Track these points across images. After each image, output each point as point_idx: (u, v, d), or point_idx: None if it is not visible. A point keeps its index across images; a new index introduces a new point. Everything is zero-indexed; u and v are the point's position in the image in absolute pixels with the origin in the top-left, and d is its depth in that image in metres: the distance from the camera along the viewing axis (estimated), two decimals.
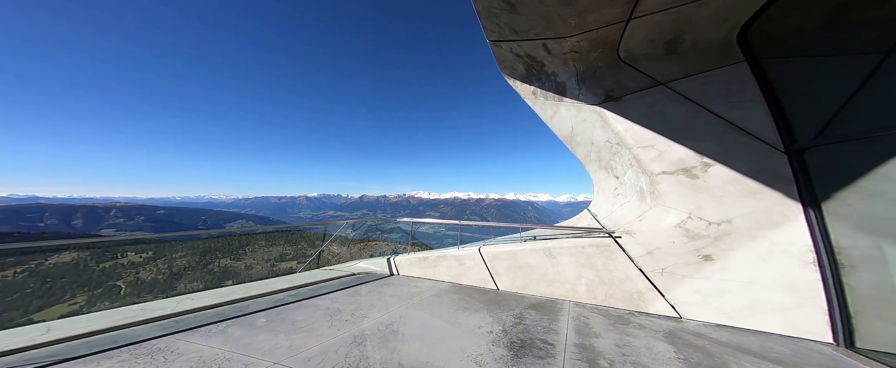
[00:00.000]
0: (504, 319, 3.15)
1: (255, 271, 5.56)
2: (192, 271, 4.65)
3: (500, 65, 5.46)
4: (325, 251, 6.34)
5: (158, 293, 4.31)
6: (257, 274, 5.29)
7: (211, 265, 5.02)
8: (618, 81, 4.25)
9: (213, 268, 5.03)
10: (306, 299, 3.89)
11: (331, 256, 6.64)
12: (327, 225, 6.36)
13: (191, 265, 4.75)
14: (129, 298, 3.95)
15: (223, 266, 5.27)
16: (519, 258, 4.32)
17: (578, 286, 3.75)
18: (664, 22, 3.33)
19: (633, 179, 4.05)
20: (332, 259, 6.52)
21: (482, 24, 4.32)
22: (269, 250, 6.25)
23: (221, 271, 5.20)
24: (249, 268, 5.89)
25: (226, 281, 4.94)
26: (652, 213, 3.68)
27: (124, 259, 4.39)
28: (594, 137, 4.67)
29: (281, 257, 6.32)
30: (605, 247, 3.69)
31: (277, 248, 6.29)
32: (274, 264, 6.16)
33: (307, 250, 6.31)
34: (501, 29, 4.25)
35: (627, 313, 3.26)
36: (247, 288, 4.23)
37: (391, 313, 3.42)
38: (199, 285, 4.50)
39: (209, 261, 4.99)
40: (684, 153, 3.40)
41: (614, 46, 4.01)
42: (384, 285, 4.74)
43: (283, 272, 5.91)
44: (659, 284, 3.22)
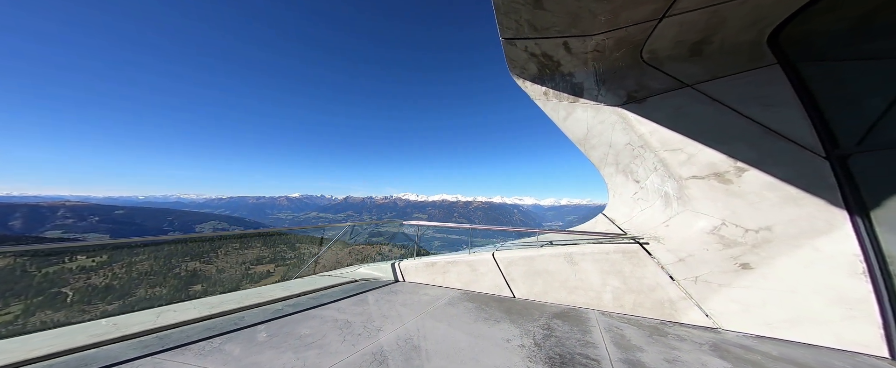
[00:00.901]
0: (530, 330, 2.91)
1: (227, 275, 5.10)
2: (154, 275, 4.16)
3: (510, 64, 5.28)
4: (324, 256, 5.95)
5: (113, 299, 3.80)
6: (230, 278, 4.84)
7: (177, 268, 4.54)
8: (640, 83, 4.13)
9: (180, 272, 4.55)
10: (309, 309, 3.52)
11: (323, 261, 6.21)
12: (325, 228, 5.95)
13: (153, 268, 4.23)
14: (76, 306, 3.45)
15: (191, 270, 4.79)
16: (537, 264, 4.10)
17: (603, 294, 3.55)
18: (698, 21, 3.22)
19: (658, 183, 3.92)
20: (325, 264, 6.09)
21: (498, 21, 4.12)
22: (243, 252, 5.78)
23: (189, 275, 4.71)
24: (221, 272, 5.38)
25: (194, 286, 4.47)
26: (680, 218, 3.55)
27: (73, 264, 3.86)
28: (613, 139, 4.54)
29: (257, 260, 5.87)
30: (631, 253, 3.52)
31: (253, 250, 5.84)
32: (249, 267, 5.70)
33: (286, 252, 5.89)
34: (519, 26, 4.06)
35: (659, 322, 3.09)
36: (239, 297, 3.81)
37: (407, 324, 3.12)
38: (163, 290, 4.03)
39: (175, 265, 4.50)
40: (716, 157, 3.29)
41: (639, 46, 3.90)
42: (391, 292, 4.41)
43: (259, 277, 5.47)
44: (693, 293, 3.07)
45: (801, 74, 3.13)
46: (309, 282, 4.83)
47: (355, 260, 6.74)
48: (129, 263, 4.16)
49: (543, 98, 5.39)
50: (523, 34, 4.23)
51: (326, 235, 5.95)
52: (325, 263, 6.06)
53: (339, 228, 6.16)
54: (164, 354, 2.28)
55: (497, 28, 4.37)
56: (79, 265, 3.94)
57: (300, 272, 5.36)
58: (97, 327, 2.77)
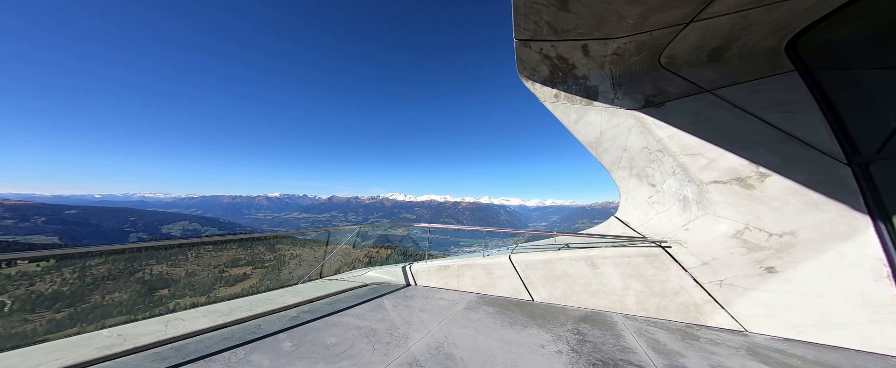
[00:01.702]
0: (561, 335, 2.87)
1: (198, 278, 4.84)
2: (113, 280, 3.87)
3: (520, 66, 5.26)
4: (306, 258, 5.74)
5: (61, 307, 3.49)
6: (202, 282, 4.60)
7: (140, 272, 4.24)
8: (658, 87, 4.18)
9: (143, 276, 4.26)
10: (327, 315, 3.39)
11: (312, 263, 5.94)
12: (331, 231, 5.77)
13: (112, 273, 3.92)
14: (16, 314, 3.14)
15: (157, 274, 4.49)
16: (557, 268, 4.08)
17: (626, 297, 3.56)
18: (723, 26, 3.27)
19: (676, 187, 3.96)
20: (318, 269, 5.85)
21: (515, 22, 4.09)
22: (218, 254, 5.50)
23: (154, 279, 4.42)
24: (192, 275, 5.10)
25: (159, 291, 4.22)
26: (700, 222, 3.59)
27: (12, 269, 3.55)
28: (628, 143, 4.57)
29: (232, 262, 5.61)
30: (654, 257, 3.54)
31: (228, 253, 5.56)
32: (223, 270, 5.44)
33: (265, 254, 5.66)
34: (538, 27, 4.03)
35: (685, 326, 3.11)
36: (249, 304, 3.63)
37: (432, 331, 3.03)
38: (123, 296, 3.75)
39: (137, 268, 4.21)
40: (737, 162, 3.34)
41: (660, 50, 3.94)
42: (405, 297, 4.30)
43: (235, 280, 5.23)
44: (718, 296, 3.10)
45: (819, 81, 3.22)
46: (318, 287, 4.66)
47: (344, 264, 6.51)
48: (82, 267, 3.80)
49: (554, 101, 5.39)
50: (540, 36, 4.21)
51: (332, 238, 5.78)
52: (324, 267, 5.86)
53: (343, 231, 5.99)
54: (189, 367, 2.12)
55: (512, 29, 4.34)
56: (19, 272, 3.60)
57: (307, 276, 5.18)
58: (99, 338, 2.57)
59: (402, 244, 7.17)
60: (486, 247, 5.08)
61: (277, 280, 5.50)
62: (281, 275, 5.69)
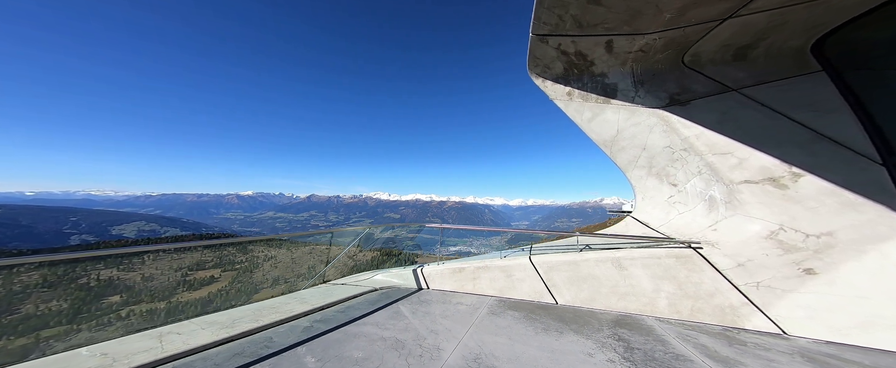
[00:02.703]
0: (603, 342, 2.70)
1: (156, 283, 4.35)
2: (51, 288, 3.32)
3: (532, 63, 5.10)
4: (282, 260, 5.34)
5: None
6: (161, 287, 4.13)
7: (83, 278, 3.71)
8: (683, 85, 4.12)
9: (87, 282, 3.74)
10: (343, 325, 3.07)
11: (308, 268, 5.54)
12: (334, 233, 5.39)
13: (47, 279, 3.36)
14: None
15: (104, 280, 3.98)
16: (582, 270, 3.93)
17: (657, 299, 3.45)
18: (758, 24, 3.22)
19: (702, 186, 3.90)
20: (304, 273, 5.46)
21: (536, 16, 3.92)
22: (180, 257, 4.99)
23: (102, 285, 3.91)
24: (149, 279, 4.59)
25: (108, 298, 3.74)
26: (729, 222, 3.54)
27: None
28: (649, 142, 4.50)
29: (197, 264, 5.16)
30: (685, 258, 3.44)
31: (193, 254, 5.07)
32: (186, 273, 4.99)
33: (236, 255, 5.24)
34: (561, 22, 3.88)
35: (723, 329, 3.01)
36: (252, 313, 3.26)
37: (463, 340, 2.79)
38: (63, 304, 3.24)
39: (80, 274, 3.66)
40: (769, 162, 3.30)
41: (686, 48, 3.87)
42: (421, 302, 4.03)
43: (200, 283, 4.80)
44: (755, 299, 3.03)
45: (847, 82, 3.23)
46: (326, 293, 4.31)
47: (345, 267, 6.10)
48: (6, 274, 3.12)
49: (566, 98, 5.26)
50: (562, 31, 4.06)
51: (335, 240, 5.39)
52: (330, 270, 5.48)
53: (346, 233, 5.62)
54: None
55: (530, 24, 4.17)
56: None
57: (311, 280, 4.79)
58: (77, 360, 2.17)
59: (397, 245, 6.86)
60: (443, 243, 4.88)
61: (250, 283, 5.09)
62: (253, 277, 5.24)
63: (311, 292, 4.39)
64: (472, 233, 5.97)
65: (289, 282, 4.95)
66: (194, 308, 3.94)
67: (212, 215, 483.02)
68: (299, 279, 4.93)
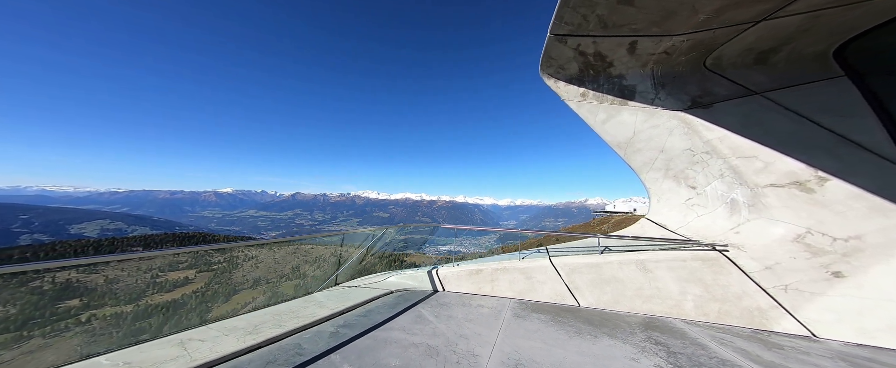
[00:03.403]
0: (642, 346, 2.66)
1: (123, 285, 4.12)
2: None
3: (546, 63, 5.06)
4: (264, 260, 5.16)
5: None
6: (128, 289, 3.93)
7: (35, 281, 3.43)
8: (704, 88, 4.13)
9: (40, 285, 3.48)
10: (370, 330, 2.96)
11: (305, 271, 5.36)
12: (345, 234, 5.21)
13: None
14: None
15: (62, 283, 3.71)
16: (605, 272, 3.90)
17: (684, 302, 3.44)
18: (787, 27, 3.23)
19: (724, 189, 3.92)
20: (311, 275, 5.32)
21: (557, 15, 3.86)
22: (149, 257, 4.72)
23: (58, 289, 3.64)
24: (114, 282, 4.33)
25: (67, 301, 3.49)
26: (752, 225, 3.56)
27: None
28: (667, 144, 4.51)
29: (170, 265, 4.94)
30: (711, 261, 3.45)
31: (165, 254, 4.81)
32: (156, 274, 4.77)
33: (213, 256, 5.00)
34: (585, 22, 3.83)
35: (753, 332, 3.03)
36: (272, 318, 3.11)
37: (497, 345, 2.71)
38: (12, 309, 2.99)
39: (32, 276, 3.38)
40: (795, 166, 3.33)
41: (711, 50, 3.87)
42: (440, 305, 3.94)
43: (172, 285, 4.61)
44: (784, 301, 3.05)
45: (871, 87, 3.28)
46: (341, 296, 4.17)
47: (306, 263, 5.92)
48: None
49: (580, 99, 5.24)
50: (583, 31, 4.01)
51: (346, 242, 5.21)
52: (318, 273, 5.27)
53: (357, 234, 5.44)
54: None
55: (550, 23, 4.11)
56: None
57: (324, 283, 4.63)
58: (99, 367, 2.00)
59: (407, 247, 6.73)
60: (433, 243, 4.82)
61: (229, 285, 4.89)
62: (233, 278, 5.03)
63: (325, 295, 4.24)
64: (462, 233, 5.91)
65: (271, 282, 4.77)
66: (165, 312, 3.74)
67: (186, 214, 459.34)
68: (282, 280, 4.76)
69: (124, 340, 2.36)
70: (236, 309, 4.11)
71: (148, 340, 2.35)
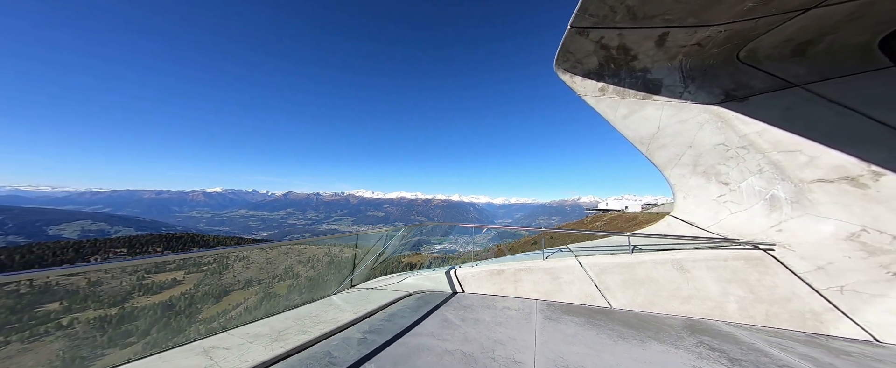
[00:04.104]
0: (695, 350, 2.47)
1: (107, 286, 3.89)
2: None
3: (563, 57, 4.89)
4: (255, 260, 4.93)
5: None
6: (112, 291, 3.71)
7: (10, 284, 3.21)
8: (739, 81, 3.97)
9: (17, 288, 3.25)
10: (399, 336, 2.76)
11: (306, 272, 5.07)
12: (359, 236, 4.99)
13: None
14: None
15: (41, 286, 3.46)
16: (638, 272, 3.71)
17: (726, 303, 3.25)
18: (834, 16, 3.08)
19: (762, 185, 3.74)
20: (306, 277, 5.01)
21: (581, 7, 3.69)
22: (134, 257, 4.47)
23: (37, 293, 3.43)
24: (97, 284, 4.09)
25: (47, 305, 3.28)
26: (796, 223, 3.38)
27: None
28: (697, 139, 4.33)
29: (156, 267, 4.71)
30: (756, 260, 3.27)
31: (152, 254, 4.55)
32: (143, 276, 4.54)
33: (203, 256, 4.77)
34: (612, 13, 3.66)
35: (808, 336, 2.84)
36: (296, 322, 2.94)
37: (540, 350, 2.51)
38: None
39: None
40: (845, 160, 3.16)
41: (746, 42, 3.71)
42: (463, 307, 3.73)
43: (162, 286, 4.40)
44: (840, 304, 2.86)
45: None
46: (359, 298, 3.97)
47: (300, 264, 5.55)
48: None
49: (598, 94, 5.07)
50: (609, 23, 3.84)
51: (361, 242, 4.99)
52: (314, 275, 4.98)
53: (370, 236, 5.21)
54: None
55: (572, 16, 3.95)
56: None
57: (340, 286, 4.42)
58: None
59: (418, 247, 6.52)
60: (455, 243, 4.63)
61: (219, 286, 4.68)
62: (223, 280, 4.84)
63: (343, 297, 4.03)
64: (458, 231, 5.72)
65: (263, 283, 4.60)
66: (152, 314, 3.56)
67: (174, 214, 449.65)
68: (275, 280, 4.60)
69: (143, 350, 2.15)
70: (227, 310, 3.94)
71: (168, 348, 2.14)
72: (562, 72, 5.26)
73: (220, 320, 3.41)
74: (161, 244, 10.64)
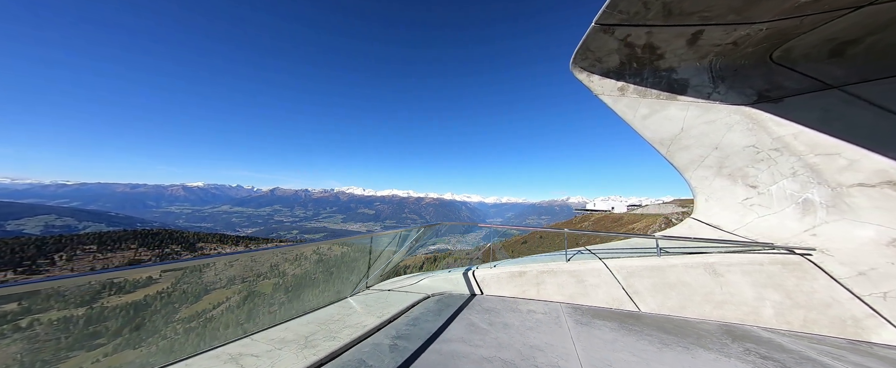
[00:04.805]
0: (749, 360, 2.37)
1: (71, 283, 3.61)
2: None
3: (581, 56, 4.75)
4: (239, 258, 4.69)
5: None
6: (78, 292, 3.48)
7: None
8: (772, 82, 3.88)
9: None
10: (430, 342, 2.63)
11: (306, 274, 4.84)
12: (373, 237, 4.75)
13: None
14: None
15: None
16: (669, 276, 3.62)
17: (762, 308, 3.18)
18: (883, 16, 2.99)
19: (795, 189, 3.67)
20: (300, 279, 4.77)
21: (611, 4, 3.55)
22: (106, 255, 4.21)
23: None
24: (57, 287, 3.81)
25: (4, 305, 3.05)
26: (832, 227, 3.32)
27: None
28: (724, 141, 4.25)
29: (130, 263, 4.47)
30: (794, 265, 3.19)
31: (125, 252, 4.34)
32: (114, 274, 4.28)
33: (181, 253, 4.54)
34: (644, 10, 3.53)
35: (849, 343, 2.78)
36: (322, 327, 2.79)
37: (585, 360, 2.39)
38: None
39: None
40: (888, 164, 3.09)
41: (784, 41, 3.61)
42: (486, 311, 3.60)
43: (136, 285, 4.16)
44: (883, 310, 2.80)
45: None
46: (377, 301, 3.81)
47: (286, 262, 5.32)
48: None
49: (617, 94, 4.95)
50: (640, 20, 3.71)
51: (374, 244, 4.76)
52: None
53: (382, 237, 4.97)
54: None
55: (598, 13, 3.81)
56: None
57: (356, 288, 4.24)
58: None
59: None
60: (447, 243, 4.52)
61: (199, 284, 4.47)
62: (204, 277, 4.63)
63: (360, 300, 3.86)
64: (452, 230, 5.56)
65: (247, 281, 4.41)
66: (125, 315, 3.37)
67: (150, 209, 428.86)
68: (259, 279, 4.42)
69: (152, 357, 1.96)
70: (208, 309, 3.75)
71: (191, 355, 1.96)
72: (578, 70, 5.12)
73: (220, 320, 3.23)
74: (135, 240, 10.10)
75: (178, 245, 22.12)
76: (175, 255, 7.23)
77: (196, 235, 54.73)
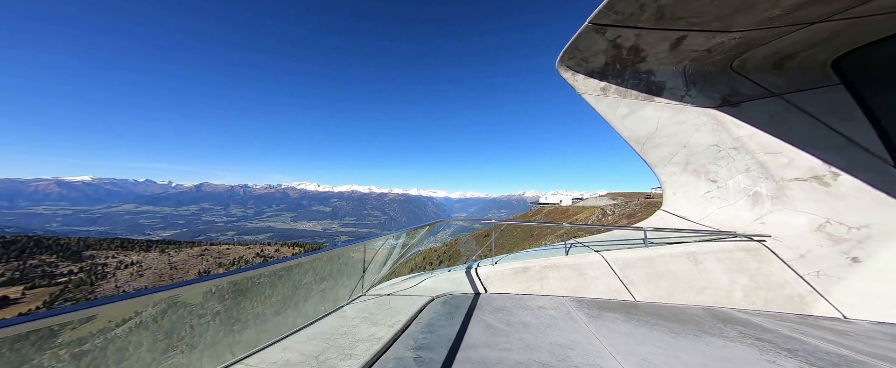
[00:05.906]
0: (748, 341, 2.63)
1: None
2: None
3: (569, 55, 4.91)
4: (151, 265, 4.11)
5: None
6: None
7: None
8: (732, 87, 4.43)
9: None
10: (454, 351, 2.40)
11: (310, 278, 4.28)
12: (367, 243, 4.15)
13: None
14: None
15: None
16: (658, 266, 3.93)
17: (733, 292, 3.65)
18: (824, 32, 3.49)
19: (747, 183, 4.29)
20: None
21: (608, 4, 3.67)
22: None
23: None
24: None
25: None
26: (775, 216, 3.96)
27: None
28: (692, 140, 4.76)
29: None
30: (754, 251, 3.72)
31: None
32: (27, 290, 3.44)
33: (58, 264, 3.77)
34: (639, 12, 3.71)
35: (800, 317, 3.34)
36: (329, 342, 2.31)
37: (620, 357, 2.40)
38: None
39: None
40: (814, 162, 3.77)
41: (745, 51, 4.12)
42: (497, 310, 3.47)
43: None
44: (818, 286, 3.43)
45: (859, 94, 3.86)
46: (379, 306, 3.37)
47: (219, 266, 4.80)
48: None
49: (599, 93, 5.24)
50: (632, 22, 3.89)
51: (367, 247, 4.17)
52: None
53: (376, 240, 4.42)
54: None
55: (594, 13, 3.89)
56: None
57: (352, 294, 3.66)
58: None
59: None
60: (412, 237, 4.49)
61: (91, 297, 3.65)
62: (98, 291, 3.81)
63: (359, 308, 3.36)
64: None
65: (225, 302, 3.70)
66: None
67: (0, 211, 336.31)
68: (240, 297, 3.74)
69: None
70: (110, 326, 2.98)
71: None
72: (564, 69, 5.20)
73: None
74: (35, 246, 6.89)
75: (52, 255, 16.26)
76: (49, 266, 5.06)
77: (83, 241, 43.28)
